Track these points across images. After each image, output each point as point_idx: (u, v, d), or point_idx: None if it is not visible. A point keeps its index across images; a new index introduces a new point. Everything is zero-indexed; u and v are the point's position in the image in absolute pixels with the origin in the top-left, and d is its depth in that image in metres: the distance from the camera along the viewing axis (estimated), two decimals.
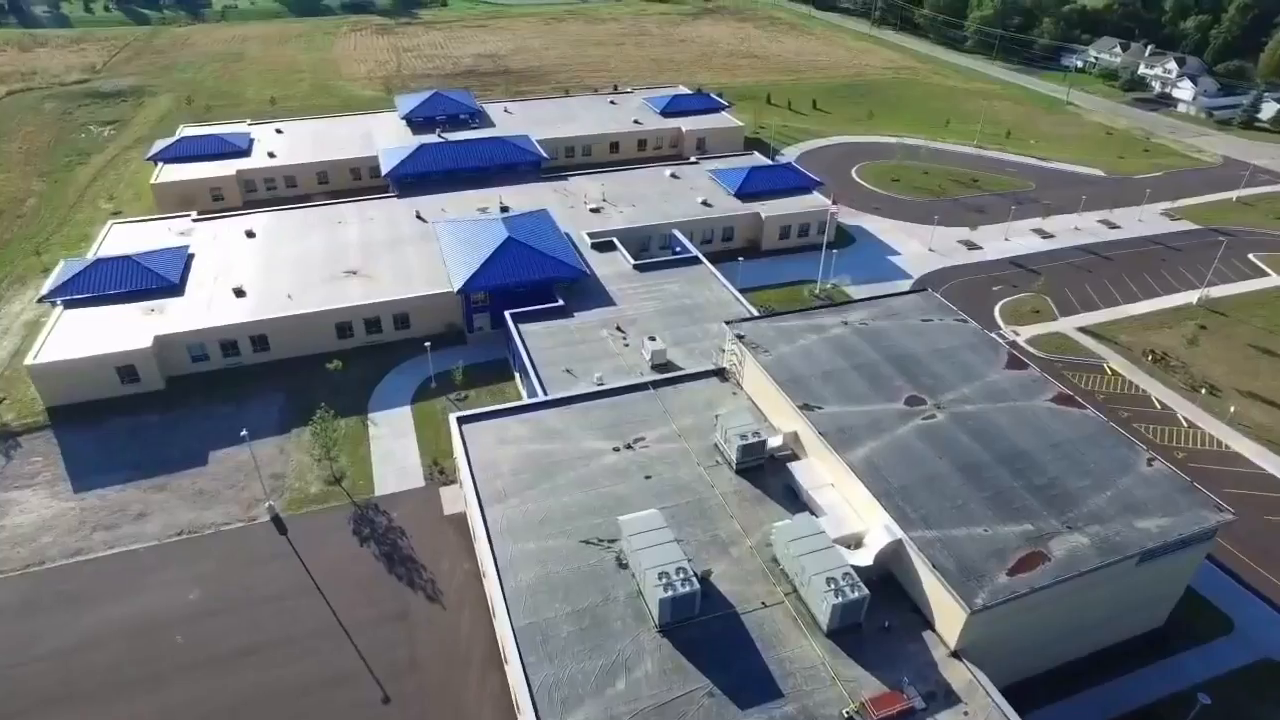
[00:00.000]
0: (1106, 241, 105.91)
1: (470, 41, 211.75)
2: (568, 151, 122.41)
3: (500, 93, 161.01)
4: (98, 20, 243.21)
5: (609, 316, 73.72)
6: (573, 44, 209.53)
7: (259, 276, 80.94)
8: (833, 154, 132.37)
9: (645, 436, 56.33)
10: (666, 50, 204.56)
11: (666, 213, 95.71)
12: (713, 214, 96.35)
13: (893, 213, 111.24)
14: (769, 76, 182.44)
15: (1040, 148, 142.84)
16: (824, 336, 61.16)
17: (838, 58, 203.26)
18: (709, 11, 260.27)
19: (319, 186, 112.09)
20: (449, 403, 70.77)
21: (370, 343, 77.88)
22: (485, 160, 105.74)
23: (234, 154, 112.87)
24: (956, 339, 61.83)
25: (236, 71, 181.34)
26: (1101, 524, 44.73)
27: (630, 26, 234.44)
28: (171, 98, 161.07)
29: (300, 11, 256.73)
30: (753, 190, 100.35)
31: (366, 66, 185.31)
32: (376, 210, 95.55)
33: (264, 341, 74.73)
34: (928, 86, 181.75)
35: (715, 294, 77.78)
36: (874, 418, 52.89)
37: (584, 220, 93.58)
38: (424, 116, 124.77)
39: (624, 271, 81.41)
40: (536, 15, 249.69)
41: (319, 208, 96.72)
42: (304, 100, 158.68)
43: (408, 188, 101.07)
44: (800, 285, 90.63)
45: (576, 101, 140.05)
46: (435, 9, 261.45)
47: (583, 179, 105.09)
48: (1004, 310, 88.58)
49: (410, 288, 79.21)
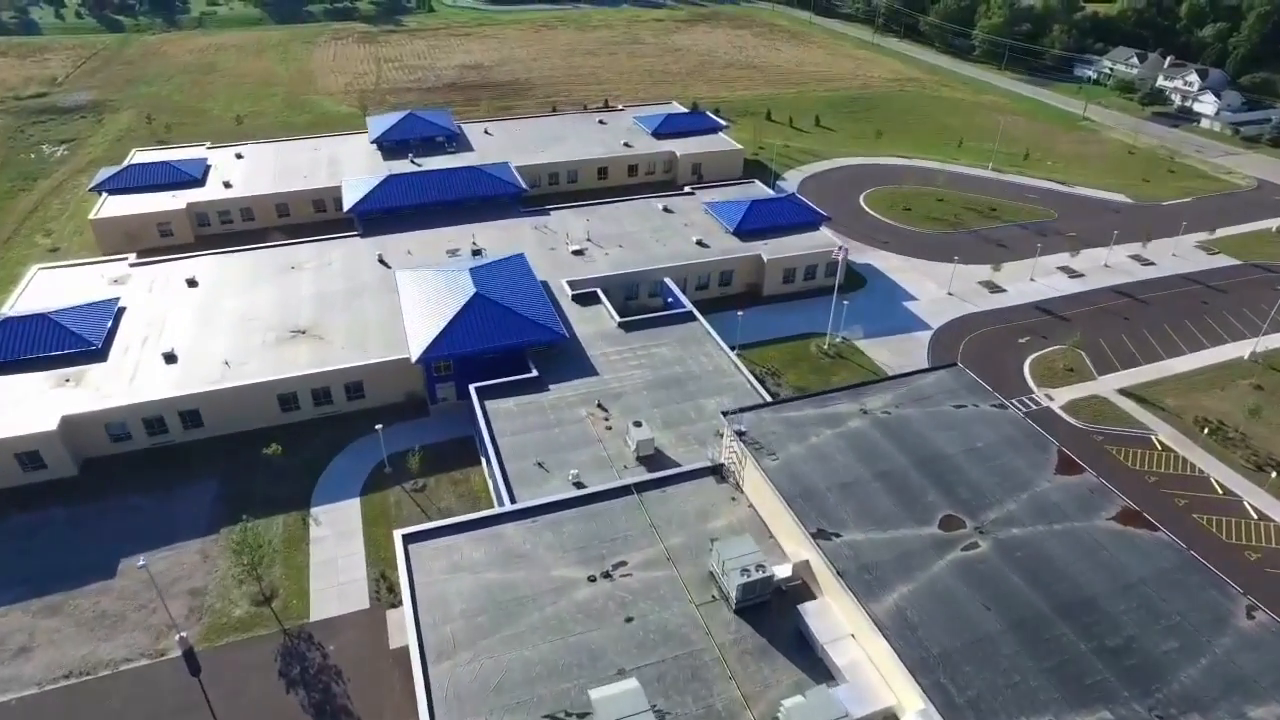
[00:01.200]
0: (1141, 281, 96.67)
1: (455, 51, 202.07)
2: (551, 178, 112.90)
3: (483, 109, 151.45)
4: (68, 27, 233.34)
5: (590, 390, 64.28)
6: (562, 54, 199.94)
7: (195, 337, 71.39)
8: (838, 179, 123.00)
9: (627, 560, 46.94)
10: (661, 60, 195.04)
11: (656, 255, 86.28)
12: (709, 255, 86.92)
13: (906, 247, 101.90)
14: (768, 89, 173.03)
15: (1060, 170, 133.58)
16: (840, 431, 51.77)
17: (840, 68, 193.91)
18: (705, 18, 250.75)
19: (279, 219, 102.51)
20: (404, 494, 61.32)
21: (320, 415, 68.42)
22: (459, 193, 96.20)
23: (186, 183, 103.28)
24: (995, 433, 52.48)
25: (206, 85, 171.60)
26: (1203, 714, 35.37)
27: (623, 34, 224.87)
28: (133, 114, 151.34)
29: (281, 19, 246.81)
30: (753, 227, 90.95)
31: (344, 79, 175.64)
32: (336, 252, 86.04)
33: (196, 417, 65.22)
34: (936, 100, 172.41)
35: (711, 359, 68.36)
36: (903, 549, 43.52)
37: (565, 264, 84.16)
38: (396, 140, 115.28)
39: (608, 331, 71.95)
40: (526, 22, 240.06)
41: (273, 249, 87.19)
42: (274, 117, 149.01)
43: (373, 224, 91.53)
44: (807, 339, 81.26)
45: (563, 121, 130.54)
46: (421, 15, 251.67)
47: (566, 213, 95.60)
48: (1035, 367, 79.29)
49: (365, 351, 69.73)
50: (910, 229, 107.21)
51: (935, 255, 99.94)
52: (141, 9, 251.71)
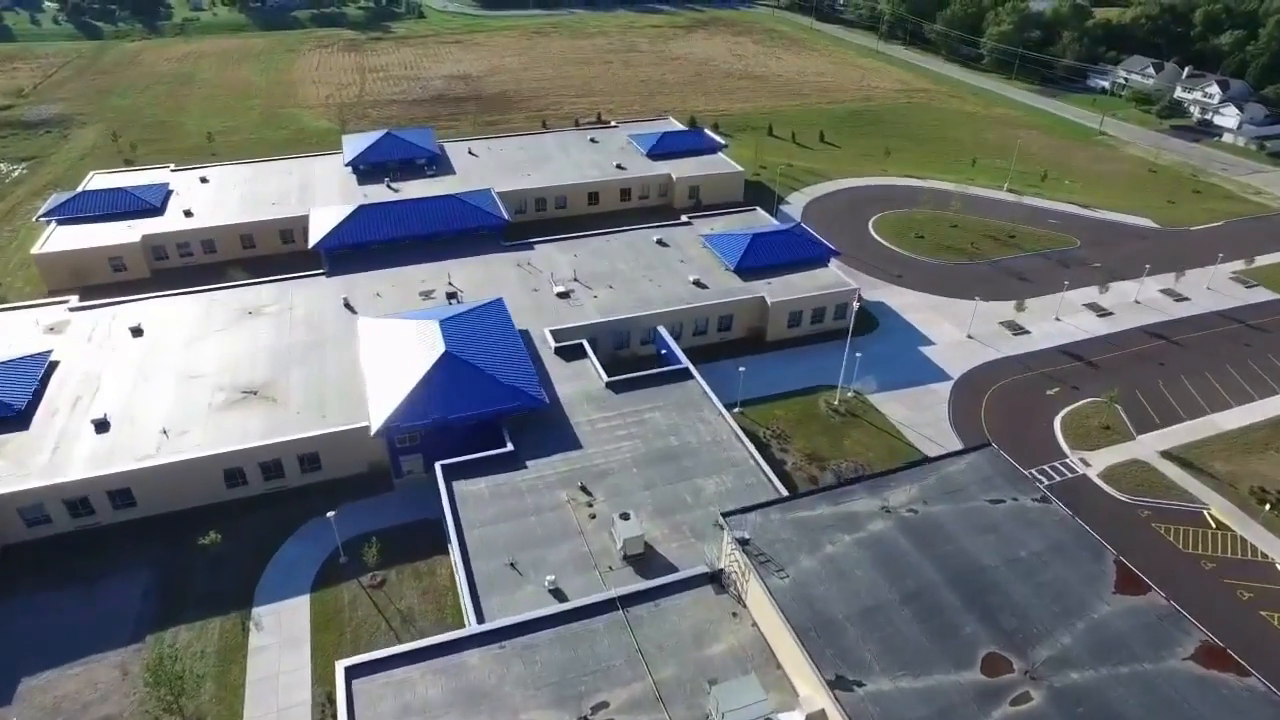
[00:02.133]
0: (1175, 320, 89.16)
1: (443, 60, 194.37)
2: (538, 204, 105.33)
3: (469, 124, 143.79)
4: (44, 34, 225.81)
5: (572, 467, 56.75)
6: (555, 63, 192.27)
7: (133, 398, 63.81)
8: (844, 202, 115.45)
9: (610, 701, 39.52)
10: (658, 70, 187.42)
11: (650, 297, 78.72)
12: (707, 298, 79.32)
13: (920, 281, 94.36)
14: (770, 101, 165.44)
15: (1079, 191, 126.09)
16: (860, 537, 44.26)
17: (844, 78, 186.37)
18: (703, 24, 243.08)
19: (243, 251, 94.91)
20: (360, 590, 53.77)
21: (270, 490, 60.87)
22: (436, 225, 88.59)
23: (144, 211, 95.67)
24: (1040, 537, 44.95)
25: (182, 97, 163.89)
26: None
27: (619, 42, 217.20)
28: (101, 129, 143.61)
29: (266, 25, 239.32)
30: (756, 264, 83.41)
31: (326, 90, 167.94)
32: (299, 295, 78.51)
33: (127, 496, 57.65)
34: (944, 113, 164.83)
35: (709, 427, 60.83)
36: (941, 702, 36.04)
37: (549, 309, 76.62)
38: (373, 162, 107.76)
39: (594, 392, 64.39)
40: (518, 29, 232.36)
41: (230, 291, 79.62)
42: (249, 133, 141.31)
43: (341, 261, 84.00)
44: (815, 393, 73.71)
45: (553, 139, 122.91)
46: (410, 21, 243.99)
47: (551, 248, 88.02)
48: (1067, 425, 71.80)
49: (323, 417, 62.16)
50: (924, 260, 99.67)
51: (952, 290, 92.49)
52: (122, 15, 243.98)
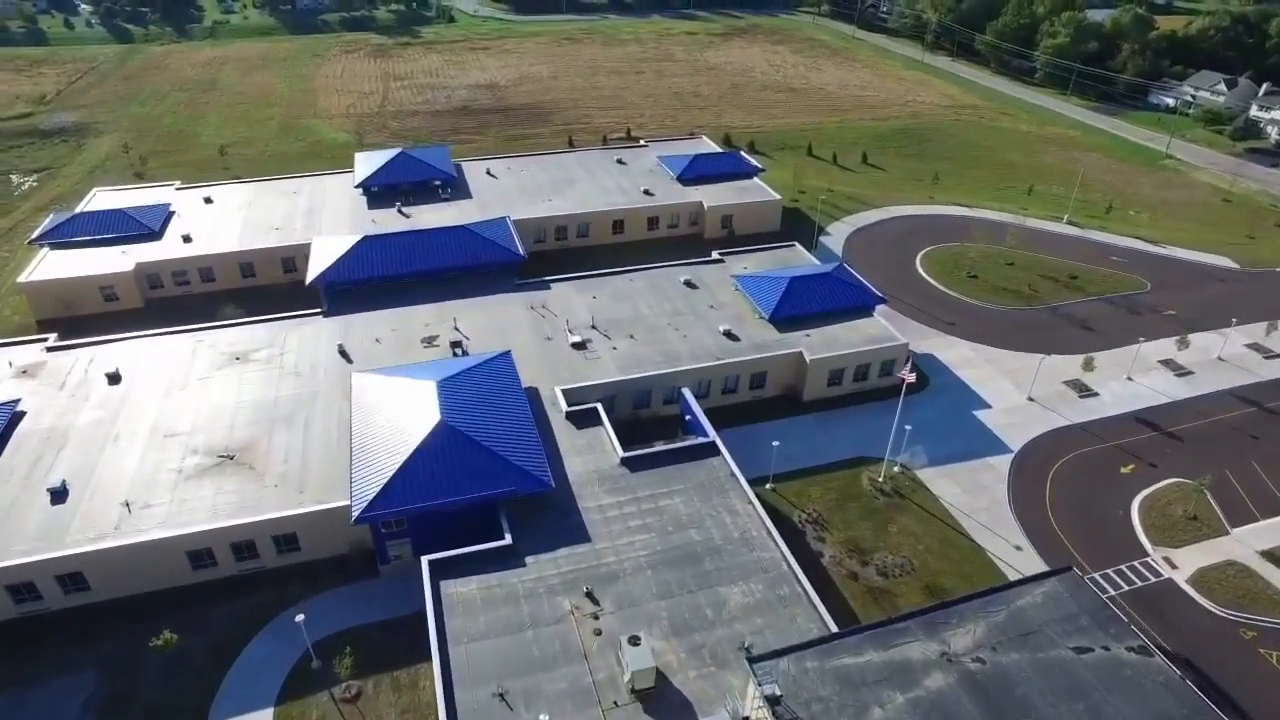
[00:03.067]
0: (1269, 381, 79.22)
1: (470, 67, 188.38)
2: (559, 232, 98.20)
3: (491, 139, 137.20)
4: (76, 37, 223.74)
5: (578, 567, 49.39)
6: (585, 71, 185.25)
7: (98, 460, 57.78)
8: (890, 234, 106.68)
9: None
10: (692, 80, 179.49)
11: (675, 351, 71.05)
12: (739, 351, 71.48)
13: (974, 329, 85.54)
14: (809, 117, 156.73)
15: (1147, 223, 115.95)
16: (916, 697, 36.30)
17: (888, 92, 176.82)
18: (741, 32, 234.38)
19: (242, 281, 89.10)
20: (332, 704, 46.96)
21: (243, 572, 54.40)
22: (445, 260, 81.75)
23: (141, 236, 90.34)
24: (1138, 701, 36.59)
25: (201, 105, 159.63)
26: None
27: (652, 49, 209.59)
28: (115, 139, 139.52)
29: (295, 28, 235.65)
30: (794, 313, 75.35)
31: (347, 99, 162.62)
32: (292, 338, 72.19)
33: (80, 580, 51.50)
34: (996, 132, 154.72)
35: (737, 519, 53.07)
36: None
37: (563, 361, 69.34)
38: (385, 184, 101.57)
39: (608, 470, 56.92)
40: (549, 34, 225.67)
41: (219, 332, 73.56)
42: (264, 145, 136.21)
43: (340, 300, 77.63)
44: (857, 467, 65.52)
45: (577, 159, 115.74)
46: (439, 26, 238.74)
47: (569, 287, 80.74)
48: (1146, 513, 62.82)
49: (302, 491, 55.54)
50: (978, 304, 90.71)
51: (1009, 340, 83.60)
52: (153, 18, 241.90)
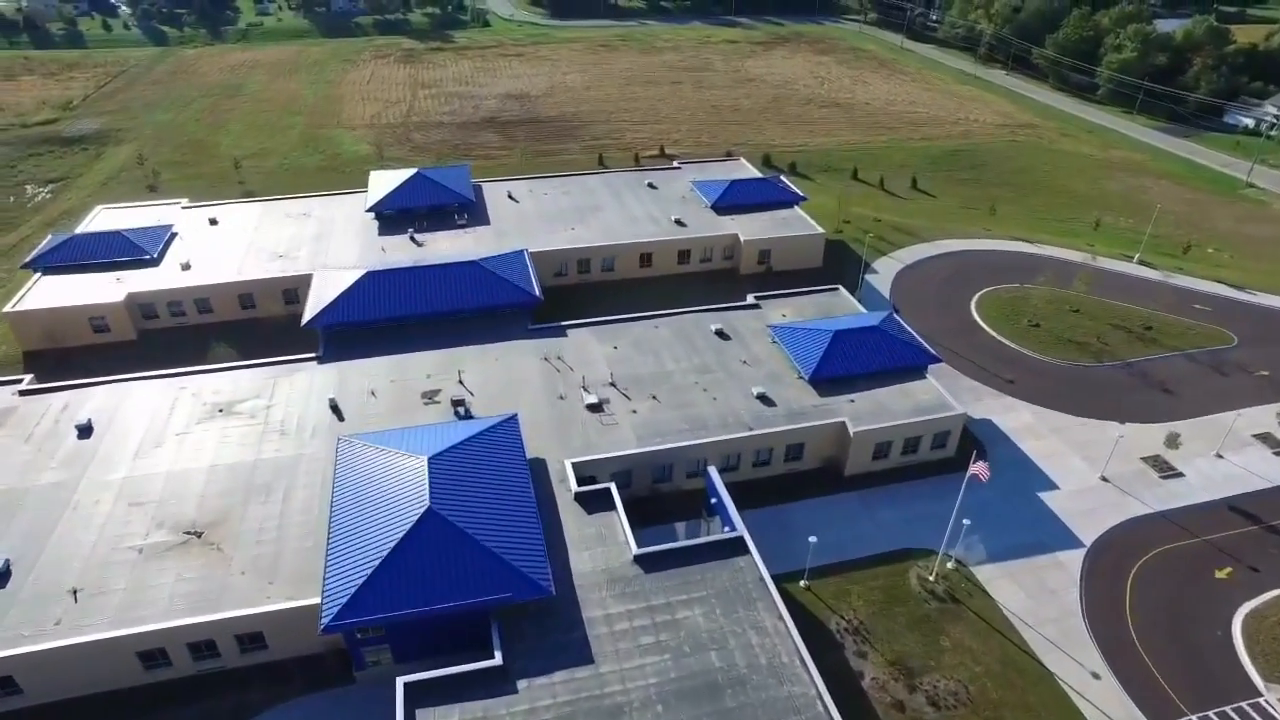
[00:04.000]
0: None
1: (501, 75, 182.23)
2: (581, 266, 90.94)
3: (518, 156, 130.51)
4: (113, 40, 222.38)
5: (578, 697, 42.00)
6: (620, 81, 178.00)
7: (52, 535, 51.78)
8: (942, 272, 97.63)
9: None
10: (731, 93, 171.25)
11: (702, 415, 63.30)
12: (773, 418, 63.45)
13: (1037, 390, 76.48)
14: (855, 135, 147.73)
15: (1228, 263, 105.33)
16: None
17: (938, 108, 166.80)
18: (783, 40, 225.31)
19: (242, 312, 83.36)
20: None
21: (202, 672, 47.99)
22: (455, 301, 74.92)
23: (138, 262, 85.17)
24: None
25: (225, 112, 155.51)
26: None
27: (691, 58, 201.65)
28: (134, 148, 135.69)
29: (328, 31, 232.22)
30: (837, 372, 67.17)
31: (372, 108, 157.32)
32: (282, 388, 65.93)
33: (11, 684, 45.39)
34: (1057, 155, 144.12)
35: (765, 638, 45.23)
36: None
37: (576, 424, 62.02)
38: (399, 208, 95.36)
39: (618, 569, 49.41)
40: (584, 41, 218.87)
41: (206, 377, 67.56)
42: (282, 158, 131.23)
43: (338, 343, 71.23)
44: (904, 561, 57.19)
45: (606, 181, 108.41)
46: (473, 30, 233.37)
47: (588, 334, 73.39)
48: (1252, 634, 53.61)
49: (272, 581, 48.96)
50: (1041, 359, 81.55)
51: (1078, 404, 74.46)
52: (189, 20, 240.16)
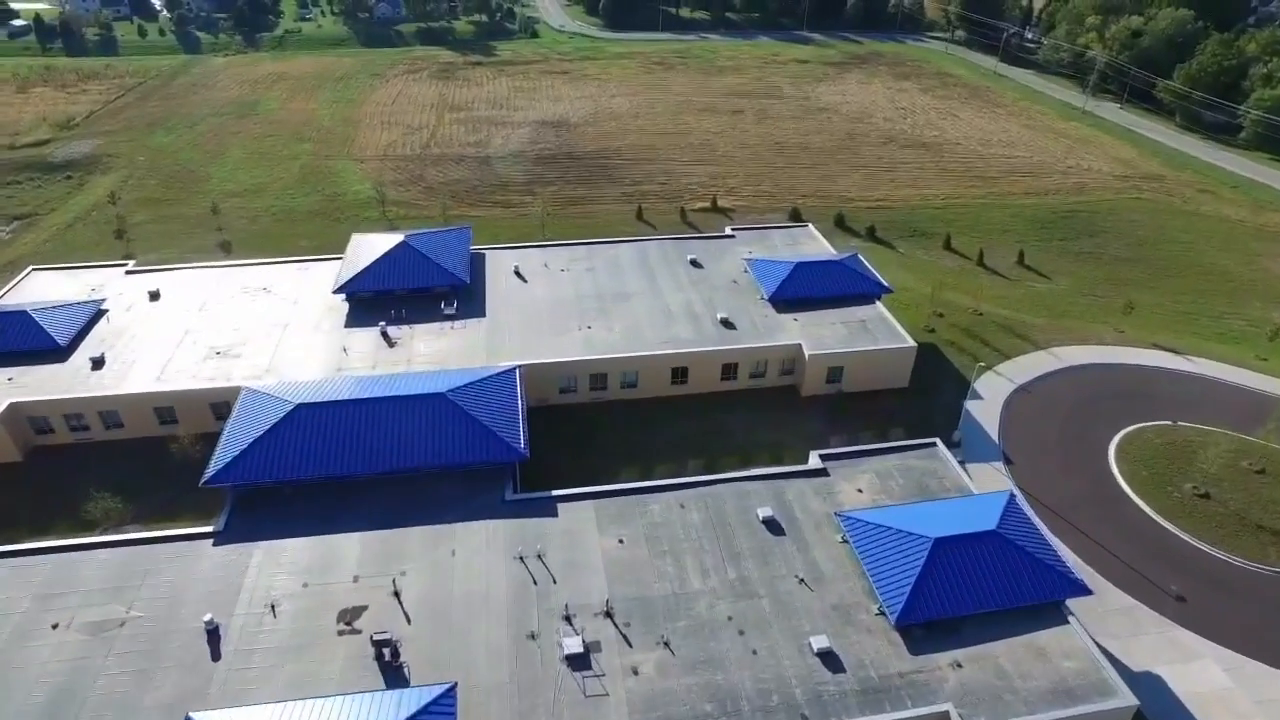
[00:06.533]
0: None
1: (540, 97, 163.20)
2: (595, 382, 70.62)
3: (543, 204, 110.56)
4: (146, 46, 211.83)
5: None
6: (672, 108, 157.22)
7: None
8: (1065, 397, 74.46)
9: None
10: (799, 126, 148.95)
11: (735, 686, 42.26)
12: (840, 683, 42.21)
13: (1220, 616, 53.30)
14: (944, 186, 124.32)
15: None
16: None
17: (1043, 152, 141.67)
18: (860, 61, 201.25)
19: (160, 428, 65.38)
20: None
21: None
22: (409, 455, 55.33)
23: (43, 354, 68.27)
24: None
25: (230, 135, 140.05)
26: None
27: (754, 80, 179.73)
28: (117, 179, 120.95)
29: (368, 40, 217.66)
30: (945, 610, 45.49)
31: (390, 135, 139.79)
32: (151, 583, 47.44)
33: None
34: (1196, 220, 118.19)
35: None
36: None
37: (545, 689, 41.69)
38: (375, 290, 76.71)
39: None
40: (638, 56, 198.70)
41: (56, 558, 49.41)
42: (275, 197, 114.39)
43: (249, 510, 52.43)
44: None
45: (640, 253, 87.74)
46: (519, 42, 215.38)
47: (586, 513, 52.97)
48: None
49: None
50: (1222, 556, 58.18)
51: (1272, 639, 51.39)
52: (226, 25, 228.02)
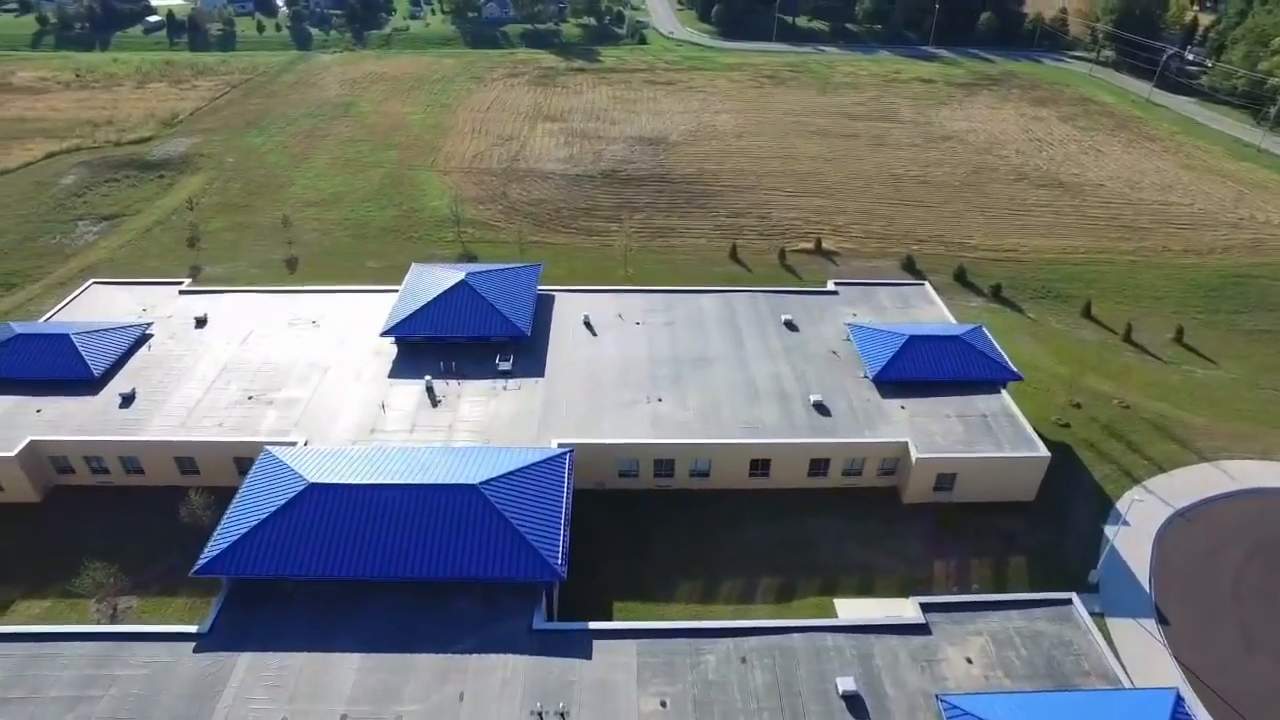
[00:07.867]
0: None
1: (640, 110, 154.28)
2: (662, 467, 60.78)
3: (628, 234, 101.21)
4: (262, 42, 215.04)
5: None
6: (779, 130, 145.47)
7: None
8: (1244, 533, 59.66)
9: None
10: (918, 157, 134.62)
11: None
12: None
13: None
14: (1085, 238, 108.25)
15: None
16: None
17: (1206, 199, 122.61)
18: (990, 83, 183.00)
19: (181, 478, 59.76)
20: None
21: None
22: (428, 563, 47.00)
23: (73, 385, 63.97)
24: None
25: (320, 138, 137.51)
26: None
27: (872, 101, 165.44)
28: (204, 180, 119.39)
29: (474, 40, 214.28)
30: None
31: (478, 145, 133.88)
32: (114, 698, 40.66)
33: None
34: None
35: None
36: None
37: None
38: (428, 336, 69.33)
39: None
40: (748, 68, 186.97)
41: (42, 648, 43.60)
42: (351, 209, 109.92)
43: (243, 606, 45.36)
44: None
45: (728, 307, 77.35)
46: (626, 49, 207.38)
47: (625, 659, 43.36)
48: None
49: None
50: None
51: None
52: (338, 22, 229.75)
